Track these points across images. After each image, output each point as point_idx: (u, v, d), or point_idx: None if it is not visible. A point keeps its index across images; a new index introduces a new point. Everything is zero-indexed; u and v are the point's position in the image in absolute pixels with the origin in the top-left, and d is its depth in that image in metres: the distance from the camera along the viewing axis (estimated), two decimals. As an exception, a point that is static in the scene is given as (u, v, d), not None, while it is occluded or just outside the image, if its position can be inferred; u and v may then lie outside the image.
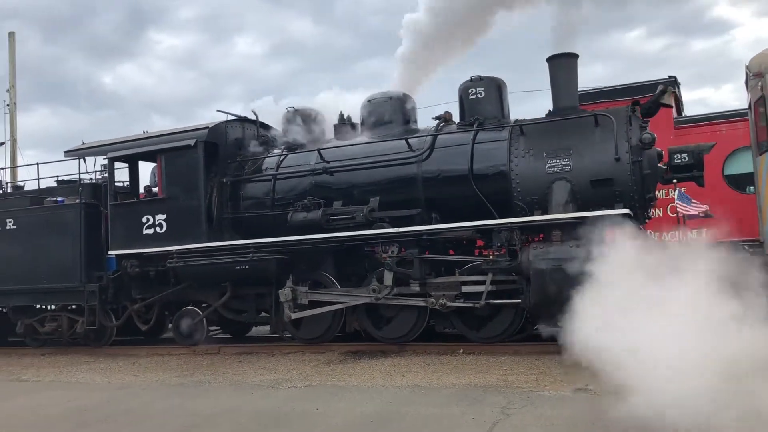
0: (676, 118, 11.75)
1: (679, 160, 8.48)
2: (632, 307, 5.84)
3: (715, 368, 4.92)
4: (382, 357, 8.56)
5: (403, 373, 7.40)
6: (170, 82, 66.80)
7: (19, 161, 21.68)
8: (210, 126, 10.27)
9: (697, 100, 48.26)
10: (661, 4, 7.92)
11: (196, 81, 68.67)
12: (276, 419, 5.80)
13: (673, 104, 8.70)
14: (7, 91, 21.64)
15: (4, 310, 12.25)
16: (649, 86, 10.69)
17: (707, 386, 4.75)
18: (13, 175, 19.58)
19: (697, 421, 4.42)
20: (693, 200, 9.69)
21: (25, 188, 13.17)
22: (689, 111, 13.91)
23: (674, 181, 8.17)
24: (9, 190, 13.38)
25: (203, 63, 67.95)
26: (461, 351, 8.43)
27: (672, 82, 11.33)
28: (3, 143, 21.66)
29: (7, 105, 21.67)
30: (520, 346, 8.46)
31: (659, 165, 8.54)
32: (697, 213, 8.80)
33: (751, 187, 9.58)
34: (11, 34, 21.70)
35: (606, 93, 11.80)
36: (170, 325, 11.63)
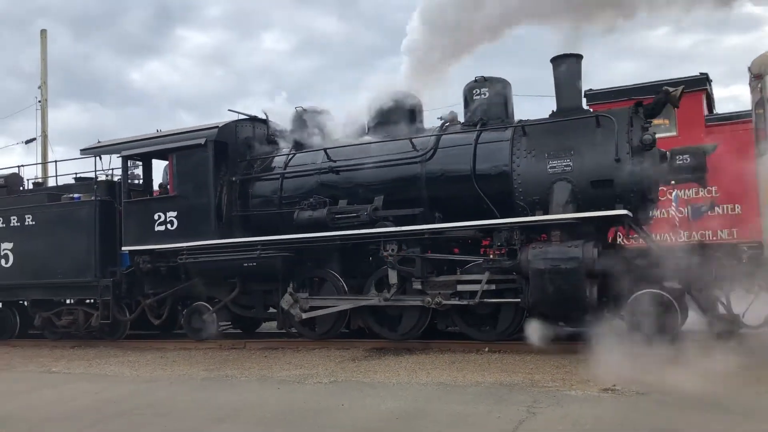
0: (707, 115, 11.59)
1: (681, 161, 8.47)
2: None
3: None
4: (407, 354, 8.61)
5: (428, 371, 7.42)
6: (197, 79, 67.53)
7: (50, 157, 22.10)
8: (219, 125, 10.50)
9: (729, 98, 47.66)
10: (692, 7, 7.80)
11: (224, 78, 69.33)
12: (302, 414, 5.81)
13: (678, 105, 8.62)
14: (39, 87, 21.91)
15: (24, 302, 12.66)
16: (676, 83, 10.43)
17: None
18: (44, 170, 19.77)
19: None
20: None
21: (46, 185, 13.57)
22: (721, 108, 13.60)
23: (672, 182, 8.18)
24: (29, 187, 13.77)
25: (230, 60, 68.57)
26: (486, 349, 8.45)
27: (705, 78, 11.19)
28: (34, 139, 22.15)
29: (39, 101, 21.98)
30: (548, 346, 8.19)
31: (662, 166, 8.55)
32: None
33: None
34: (43, 32, 21.97)
35: (635, 90, 11.39)
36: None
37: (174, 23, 74.49)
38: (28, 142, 22.33)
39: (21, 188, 13.54)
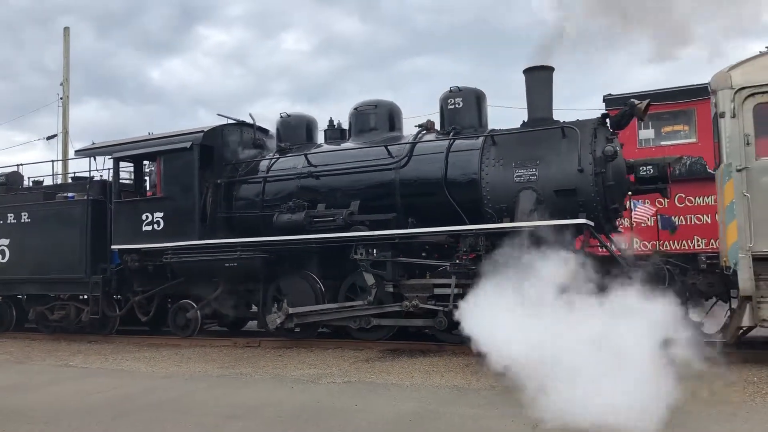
0: None
1: (645, 172, 8.69)
2: None
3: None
4: (421, 356, 8.67)
5: (442, 373, 7.46)
6: (217, 78, 68.33)
7: (71, 153, 22.26)
8: (205, 130, 10.85)
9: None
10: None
11: (243, 77, 70.06)
12: (316, 413, 5.84)
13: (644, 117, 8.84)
14: (61, 84, 22.19)
15: (23, 297, 13.11)
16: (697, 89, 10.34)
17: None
18: (65, 167, 19.77)
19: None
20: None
21: (44, 183, 14.01)
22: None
23: (629, 193, 8.39)
24: (29, 185, 14.22)
25: (250, 59, 69.29)
26: None
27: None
28: (55, 135, 22.48)
29: (60, 98, 22.29)
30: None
31: (626, 177, 8.78)
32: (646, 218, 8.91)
33: None
34: (66, 30, 22.26)
35: (653, 96, 11.16)
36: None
37: (195, 21, 75.39)
38: (49, 138, 22.67)
39: (21, 186, 14.00)
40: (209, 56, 71.20)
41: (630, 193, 8.45)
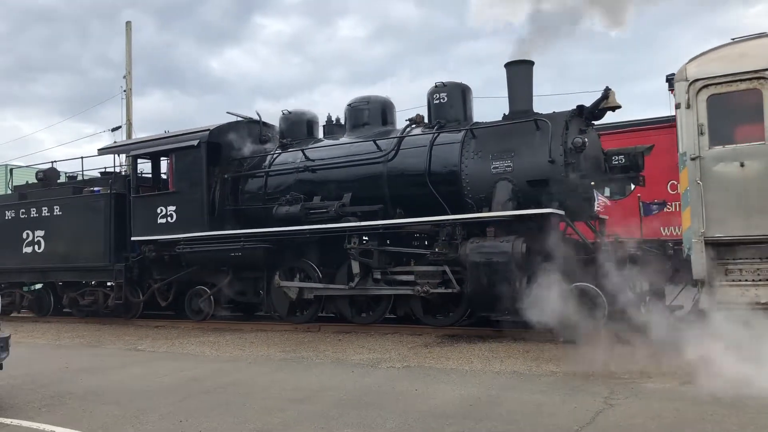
0: None
1: (617, 162, 8.96)
2: None
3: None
4: (480, 342, 8.68)
5: (502, 359, 7.43)
6: (275, 67, 69.82)
7: None
8: (211, 128, 11.61)
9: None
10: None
11: (301, 65, 71.30)
12: (377, 397, 5.86)
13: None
14: (124, 77, 22.97)
15: (58, 284, 14.26)
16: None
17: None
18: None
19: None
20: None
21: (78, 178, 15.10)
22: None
23: (592, 183, 8.67)
24: (64, 180, 15.36)
25: (308, 47, 70.42)
26: (561, 339, 8.14)
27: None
28: (119, 127, 23.39)
29: (124, 91, 23.06)
30: (624, 338, 7.57)
31: (601, 167, 9.07)
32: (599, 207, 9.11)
33: None
34: (128, 24, 23.04)
35: None
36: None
37: (252, 10, 76.90)
38: (114, 129, 23.43)
39: (57, 182, 15.14)
40: (267, 45, 72.82)
41: (593, 183, 8.73)
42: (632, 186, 9.67)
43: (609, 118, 9.62)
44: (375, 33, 69.92)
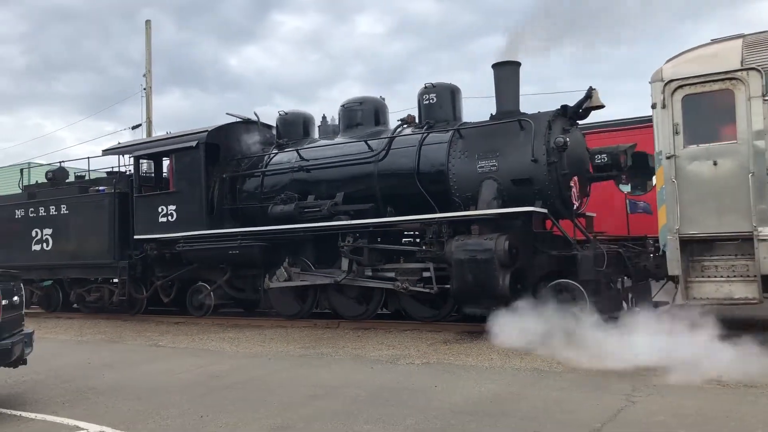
0: None
1: (600, 161, 9.13)
2: None
3: None
4: None
5: (522, 356, 7.36)
6: (293, 64, 70.17)
7: None
8: (209, 129, 11.92)
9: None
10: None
11: (319, 62, 71.57)
12: (396, 394, 5.87)
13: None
14: (144, 75, 23.24)
15: (66, 280, 14.67)
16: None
17: None
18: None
19: None
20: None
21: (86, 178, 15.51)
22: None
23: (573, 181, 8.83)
24: (72, 179, 15.78)
25: (326, 44, 70.70)
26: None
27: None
28: (140, 125, 23.77)
29: (144, 89, 23.33)
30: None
31: (585, 166, 9.23)
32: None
33: None
34: (147, 23, 23.28)
35: None
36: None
37: (270, 8, 77.37)
38: (134, 127, 23.87)
39: (66, 181, 15.56)
40: (285, 42, 73.28)
41: (575, 180, 8.87)
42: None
43: (622, 115, 9.77)
44: (394, 29, 69.92)
